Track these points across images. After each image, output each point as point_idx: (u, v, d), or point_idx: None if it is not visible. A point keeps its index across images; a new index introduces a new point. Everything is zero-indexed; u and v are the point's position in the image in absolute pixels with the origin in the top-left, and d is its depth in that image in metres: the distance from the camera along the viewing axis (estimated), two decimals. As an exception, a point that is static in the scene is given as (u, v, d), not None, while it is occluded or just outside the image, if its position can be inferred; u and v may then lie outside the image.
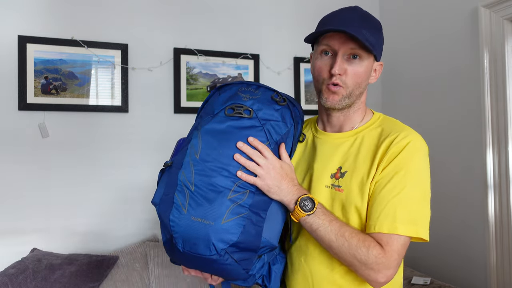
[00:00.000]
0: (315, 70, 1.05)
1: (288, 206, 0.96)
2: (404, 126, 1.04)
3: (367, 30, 0.97)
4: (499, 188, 2.10)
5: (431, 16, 2.53)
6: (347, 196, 0.99)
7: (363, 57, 1.00)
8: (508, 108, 2.08)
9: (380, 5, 3.02)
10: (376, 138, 1.02)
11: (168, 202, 0.94)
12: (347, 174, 1.01)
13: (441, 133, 2.45)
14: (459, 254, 2.32)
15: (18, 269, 1.87)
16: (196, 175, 0.93)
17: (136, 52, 2.39)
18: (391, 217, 0.92)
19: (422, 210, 0.96)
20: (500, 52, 2.10)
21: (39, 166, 2.18)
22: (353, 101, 1.04)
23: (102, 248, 2.26)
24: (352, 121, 1.08)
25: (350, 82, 1.01)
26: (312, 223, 0.94)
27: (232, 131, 0.96)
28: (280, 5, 2.75)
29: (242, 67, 2.62)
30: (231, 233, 0.88)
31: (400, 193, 0.94)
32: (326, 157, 1.06)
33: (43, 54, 2.19)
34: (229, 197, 0.90)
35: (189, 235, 0.89)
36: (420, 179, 0.97)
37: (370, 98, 2.96)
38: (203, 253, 0.88)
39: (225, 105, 0.99)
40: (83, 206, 2.25)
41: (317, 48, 1.05)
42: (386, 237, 0.92)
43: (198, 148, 0.96)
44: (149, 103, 2.41)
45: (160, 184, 0.99)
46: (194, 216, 0.90)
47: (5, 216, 2.11)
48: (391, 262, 0.91)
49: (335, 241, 0.92)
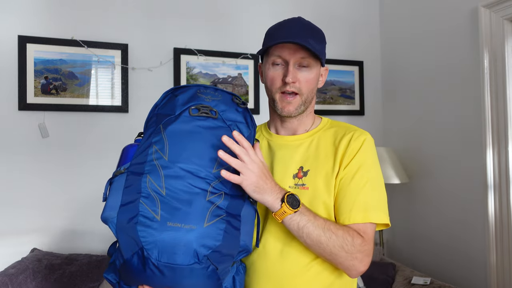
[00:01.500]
0: (267, 80, 1.09)
1: (271, 205, 0.93)
2: (354, 126, 1.13)
3: (312, 39, 1.03)
4: (499, 188, 2.10)
5: (431, 16, 2.53)
6: (314, 193, 1.03)
7: (311, 64, 1.06)
8: (508, 108, 2.08)
9: (380, 5, 3.02)
10: (332, 137, 1.09)
11: (131, 212, 0.83)
12: (310, 173, 1.05)
13: (441, 133, 2.45)
14: (459, 254, 2.32)
15: (18, 269, 1.87)
16: (167, 178, 0.85)
17: (136, 52, 2.39)
18: (362, 207, 0.99)
19: (384, 197, 1.05)
20: (500, 52, 2.10)
21: (39, 166, 2.18)
22: (307, 106, 1.10)
23: (102, 248, 2.26)
24: (305, 125, 1.13)
25: (305, 89, 1.06)
26: (299, 220, 0.94)
27: (200, 131, 0.91)
28: (280, 5, 2.75)
29: (242, 67, 2.62)
30: (213, 237, 0.83)
31: (366, 185, 1.01)
32: (286, 158, 1.09)
33: (43, 54, 2.19)
34: (208, 198, 0.85)
35: (166, 244, 0.80)
36: (379, 170, 1.06)
37: (370, 98, 2.97)
38: (182, 263, 0.80)
39: (187, 105, 0.95)
40: (83, 206, 2.25)
41: (267, 59, 1.09)
42: (362, 226, 0.98)
43: (165, 150, 0.89)
44: (149, 103, 2.38)
45: (112, 196, 0.87)
46: (171, 221, 0.81)
47: (5, 216, 2.11)
48: (370, 249, 0.98)
49: (323, 235, 0.94)
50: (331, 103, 2.86)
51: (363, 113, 2.93)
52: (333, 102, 2.87)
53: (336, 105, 2.88)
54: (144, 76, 2.41)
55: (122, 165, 0.93)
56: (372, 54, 3.00)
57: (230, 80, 2.60)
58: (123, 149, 0.98)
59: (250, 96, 2.64)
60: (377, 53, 3.02)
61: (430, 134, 2.54)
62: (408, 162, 2.69)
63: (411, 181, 2.66)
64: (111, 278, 0.93)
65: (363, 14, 2.98)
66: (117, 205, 0.85)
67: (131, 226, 0.82)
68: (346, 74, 2.91)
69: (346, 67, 2.90)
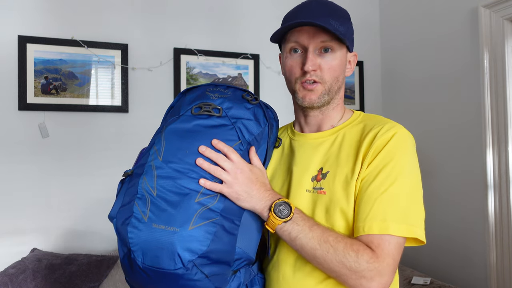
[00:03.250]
0: (286, 70, 0.97)
1: (261, 214, 0.85)
2: (388, 120, 0.94)
3: (335, 19, 0.89)
4: (499, 188, 2.10)
5: (431, 16, 2.53)
6: (331, 199, 0.89)
7: (335, 49, 0.92)
8: (508, 108, 2.08)
9: (380, 6, 3.02)
10: (358, 134, 0.93)
11: (126, 212, 0.82)
12: (329, 175, 0.91)
13: (441, 133, 2.45)
14: (459, 254, 2.32)
15: (18, 269, 1.87)
16: (159, 178, 0.82)
17: (136, 52, 2.39)
18: (380, 216, 0.82)
19: (415, 207, 0.86)
20: (500, 52, 2.10)
21: (39, 166, 2.18)
22: (332, 97, 0.96)
23: (102, 248, 2.26)
24: (331, 119, 0.99)
25: (327, 76, 0.92)
26: (290, 231, 0.83)
27: (200, 130, 0.87)
28: (280, 5, 2.75)
29: (242, 67, 2.62)
30: (199, 241, 0.76)
31: (389, 189, 0.84)
32: (306, 159, 0.96)
33: (43, 54, 2.19)
34: (197, 200, 0.80)
35: (150, 246, 0.77)
36: (410, 173, 0.87)
37: (370, 98, 2.97)
38: (167, 267, 0.75)
39: (192, 104, 0.91)
40: (83, 206, 2.25)
41: (285, 47, 0.97)
42: (377, 238, 0.81)
43: (161, 149, 0.86)
44: (149, 103, 2.40)
45: (119, 196, 0.87)
46: (156, 223, 0.78)
47: (5, 216, 2.11)
48: (384, 267, 0.80)
49: (319, 248, 0.81)
50: (331, 103, 2.86)
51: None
52: (333, 102, 2.87)
53: (336, 105, 2.88)
54: (144, 76, 2.41)
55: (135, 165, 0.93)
56: (372, 54, 3.00)
57: (230, 80, 2.60)
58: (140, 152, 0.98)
59: (250, 96, 2.64)
60: (377, 53, 3.02)
61: (430, 134, 2.53)
62: (408, 162, 2.69)
63: (411, 181, 2.66)
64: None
65: (363, 14, 2.98)
66: (119, 206, 0.86)
67: (124, 227, 0.81)
68: (346, 74, 2.91)
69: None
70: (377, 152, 0.87)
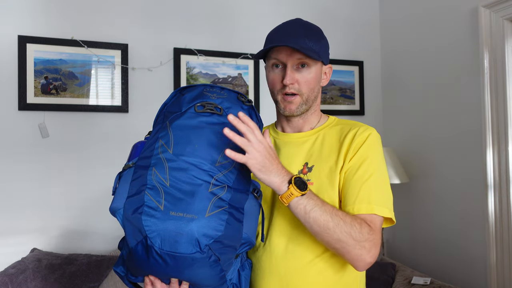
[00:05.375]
0: (269, 82, 1.12)
1: (278, 187, 0.92)
2: (361, 123, 1.14)
3: (309, 39, 1.05)
4: (499, 188, 2.10)
5: (431, 16, 2.53)
6: (318, 188, 1.04)
7: (310, 64, 1.07)
8: (508, 108, 2.08)
9: (380, 6, 3.02)
10: (337, 134, 1.11)
11: (136, 202, 0.87)
12: (315, 168, 1.07)
13: (441, 133, 2.45)
14: (459, 254, 2.32)
15: (18, 269, 1.87)
16: (171, 170, 0.88)
17: (136, 52, 2.39)
18: (366, 199, 0.99)
19: (388, 194, 1.04)
20: (500, 52, 2.10)
21: (39, 166, 2.18)
22: (310, 105, 1.12)
23: (102, 248, 2.26)
24: (310, 123, 1.15)
25: (304, 89, 1.08)
26: (306, 204, 0.92)
27: (205, 126, 0.94)
28: (280, 5, 2.75)
29: (242, 67, 2.62)
30: (215, 227, 0.84)
31: (370, 178, 1.01)
32: (291, 155, 1.11)
33: (43, 54, 2.19)
34: (210, 190, 0.87)
35: (169, 232, 0.82)
36: (383, 166, 1.07)
37: (370, 98, 2.97)
38: (184, 252, 0.82)
39: (193, 103, 0.98)
40: (83, 206, 2.25)
41: (268, 63, 1.12)
42: (369, 216, 0.98)
43: (170, 143, 0.92)
44: (149, 103, 2.40)
45: (121, 188, 0.91)
46: (174, 211, 0.84)
47: (5, 216, 2.11)
48: (378, 239, 0.97)
49: (331, 220, 0.92)
50: (331, 103, 2.86)
51: (363, 113, 2.93)
52: (333, 102, 2.87)
53: (336, 105, 2.88)
54: (144, 76, 2.41)
55: (131, 160, 0.97)
56: (372, 54, 3.00)
57: (230, 80, 2.60)
58: (133, 146, 1.02)
59: (250, 96, 2.64)
60: (377, 53, 3.02)
61: (430, 134, 2.54)
62: (408, 162, 2.69)
63: (411, 181, 2.66)
64: (120, 271, 0.97)
65: (363, 14, 2.98)
66: (125, 197, 0.89)
67: (136, 216, 0.85)
68: (346, 74, 2.91)
69: (346, 67, 2.90)
70: (357, 148, 1.05)
